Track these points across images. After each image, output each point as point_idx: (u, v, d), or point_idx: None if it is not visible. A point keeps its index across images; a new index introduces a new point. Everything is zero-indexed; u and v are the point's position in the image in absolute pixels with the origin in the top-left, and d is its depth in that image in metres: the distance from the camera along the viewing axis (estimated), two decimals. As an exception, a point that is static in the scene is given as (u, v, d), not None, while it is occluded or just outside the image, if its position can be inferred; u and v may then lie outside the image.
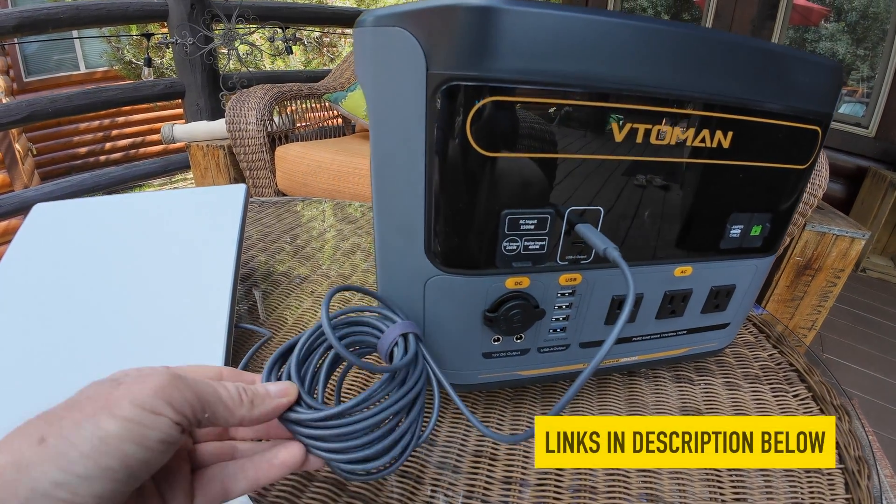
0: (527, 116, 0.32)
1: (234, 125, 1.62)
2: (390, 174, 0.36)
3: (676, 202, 0.40)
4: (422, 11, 0.30)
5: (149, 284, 0.54)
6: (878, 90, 3.14)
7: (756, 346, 0.64)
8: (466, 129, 0.31)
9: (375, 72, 0.33)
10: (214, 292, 0.53)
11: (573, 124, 0.33)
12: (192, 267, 0.56)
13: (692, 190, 0.40)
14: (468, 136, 0.31)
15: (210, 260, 0.57)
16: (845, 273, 1.46)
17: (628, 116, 0.34)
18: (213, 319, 0.51)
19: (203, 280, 0.55)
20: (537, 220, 0.35)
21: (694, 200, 0.41)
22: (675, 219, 0.41)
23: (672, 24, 0.33)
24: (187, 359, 0.47)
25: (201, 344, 0.49)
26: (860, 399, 1.82)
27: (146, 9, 2.47)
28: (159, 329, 0.50)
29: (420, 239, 0.36)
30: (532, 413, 0.49)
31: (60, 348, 0.47)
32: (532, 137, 0.33)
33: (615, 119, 0.34)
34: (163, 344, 0.49)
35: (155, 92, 2.53)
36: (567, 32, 0.30)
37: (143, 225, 0.61)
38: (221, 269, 0.55)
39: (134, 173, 2.62)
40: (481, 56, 0.30)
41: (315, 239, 0.88)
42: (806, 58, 0.39)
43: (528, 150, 0.33)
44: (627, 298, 0.29)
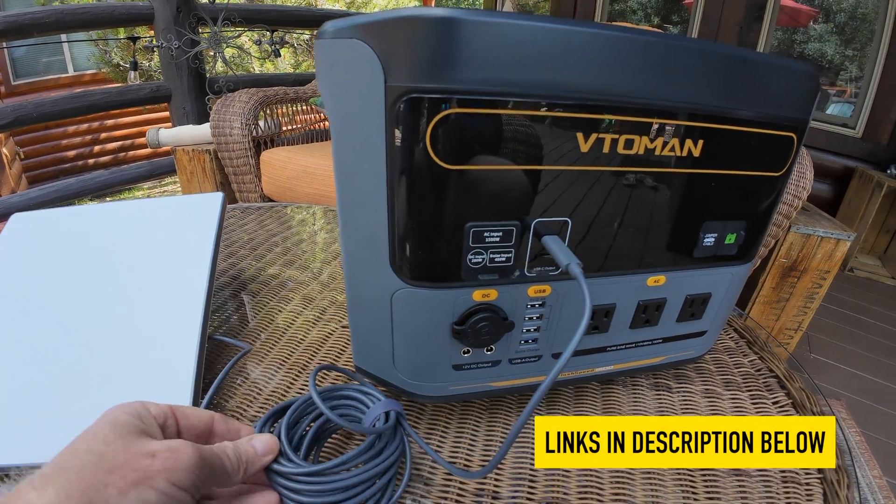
0: (488, 128, 0.31)
1: (219, 130, 1.61)
2: (353, 187, 0.35)
3: (646, 211, 0.40)
4: (379, 23, 0.29)
5: (122, 296, 0.53)
6: (865, 90, 3.17)
7: (737, 351, 0.64)
8: (426, 142, 0.30)
9: (335, 84, 0.32)
10: (187, 304, 0.52)
11: (536, 135, 0.33)
12: (166, 278, 0.55)
13: (662, 199, 0.40)
14: (428, 149, 0.31)
15: (184, 270, 0.56)
16: (831, 274, 1.47)
17: (593, 126, 0.33)
18: (184, 332, 0.50)
19: (176, 291, 0.54)
20: (503, 232, 0.35)
21: (665, 209, 0.40)
22: (645, 228, 0.40)
23: (638, 32, 0.33)
24: (158, 372, 0.47)
25: (172, 356, 0.48)
26: (848, 399, 1.83)
27: (132, 12, 2.45)
28: (131, 341, 0.49)
29: (385, 252, 0.36)
30: (508, 423, 0.48)
31: (29, 361, 0.47)
32: (494, 149, 0.32)
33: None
34: (134, 356, 0.48)
35: (141, 96, 2.51)
36: (528, 43, 0.30)
37: (119, 235, 0.60)
38: (195, 280, 0.55)
39: (121, 178, 2.60)
40: (440, 68, 0.29)
41: (296, 246, 0.87)
42: (779, 64, 0.39)
43: (490, 163, 0.32)
44: (583, 318, 0.29)
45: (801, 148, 0.43)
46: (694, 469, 0.44)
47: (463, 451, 0.45)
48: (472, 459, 0.44)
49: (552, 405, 0.51)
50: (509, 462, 0.44)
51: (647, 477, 0.43)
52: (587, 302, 0.30)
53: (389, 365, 0.43)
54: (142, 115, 5.28)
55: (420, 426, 0.47)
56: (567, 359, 0.29)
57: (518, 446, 0.46)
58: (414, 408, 0.49)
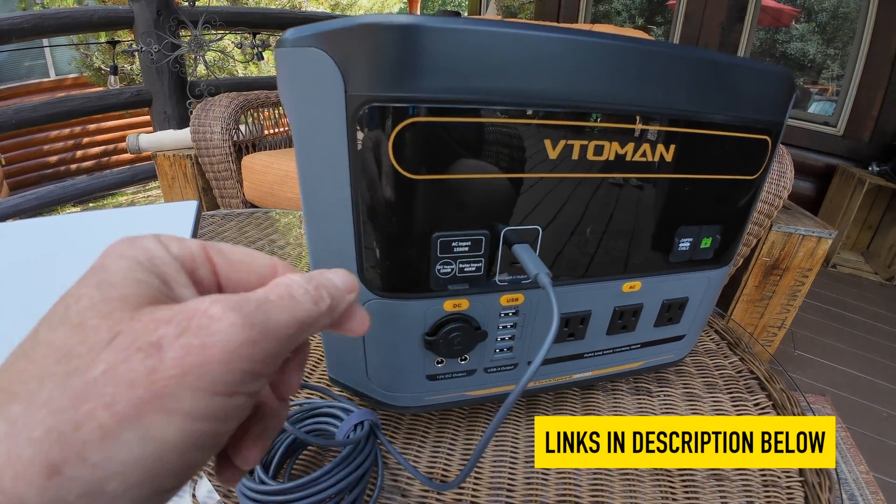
0: (452, 137, 0.31)
1: (199, 135, 1.59)
2: (318, 198, 0.34)
3: (619, 217, 0.39)
4: (338, 31, 0.28)
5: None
6: (846, 89, 3.21)
7: (718, 353, 0.64)
8: (389, 152, 0.30)
9: (296, 94, 0.32)
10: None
11: (503, 143, 0.32)
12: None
13: (635, 205, 0.39)
14: (392, 158, 0.30)
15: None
16: (813, 272, 1.48)
17: (561, 133, 0.33)
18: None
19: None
20: (471, 242, 0.34)
21: (638, 215, 0.40)
22: (619, 234, 0.40)
23: (606, 37, 0.32)
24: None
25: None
26: (833, 395, 1.85)
27: (111, 16, 2.42)
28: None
29: (352, 263, 0.35)
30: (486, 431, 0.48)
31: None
32: (459, 158, 0.31)
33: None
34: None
35: (121, 100, 2.48)
36: (492, 49, 0.29)
37: (88, 246, 0.58)
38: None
39: (101, 184, 2.56)
40: (400, 76, 0.28)
41: (276, 253, 0.86)
42: (752, 66, 0.39)
43: (455, 172, 0.31)
44: (551, 328, 0.28)
45: (778, 149, 0.43)
46: (672, 470, 0.44)
47: (441, 461, 0.44)
48: (450, 469, 0.43)
49: (532, 410, 0.51)
50: (487, 470, 0.44)
51: (626, 482, 0.43)
52: (555, 313, 0.29)
53: (363, 376, 0.42)
54: (125, 119, 5.21)
55: (398, 437, 0.47)
56: (535, 370, 0.29)
57: (495, 454, 0.45)
58: (391, 418, 0.48)
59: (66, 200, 2.48)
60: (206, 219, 1.01)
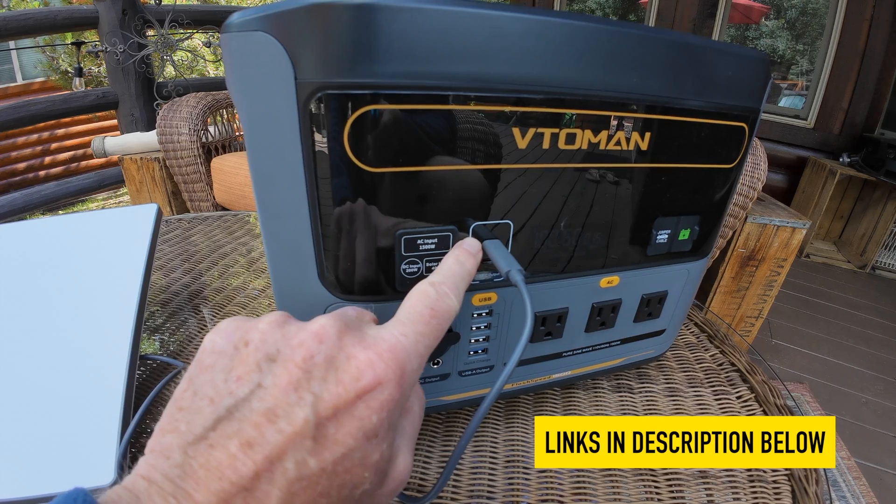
0: (414, 126, 0.28)
1: (166, 137, 1.54)
2: (271, 196, 0.32)
3: (595, 210, 0.37)
4: (286, 13, 0.26)
5: (43, 318, 0.49)
6: (816, 83, 3.27)
7: (698, 346, 0.63)
8: (345, 143, 0.27)
9: (243, 83, 0.29)
10: (116, 323, 0.48)
11: (468, 132, 0.30)
12: (92, 296, 0.51)
13: (611, 196, 0.37)
14: (347, 150, 0.28)
15: (112, 287, 0.52)
16: (788, 262, 1.49)
17: (530, 120, 0.31)
18: (112, 352, 0.46)
19: (104, 310, 0.50)
20: (438, 238, 0.32)
21: (614, 207, 0.38)
22: (594, 227, 0.38)
23: (576, 17, 0.30)
24: (83, 395, 0.43)
25: (100, 378, 0.44)
26: (811, 382, 1.87)
27: (75, 16, 2.35)
28: (54, 365, 0.45)
29: (312, 265, 0.32)
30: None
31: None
32: (421, 149, 0.29)
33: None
34: (58, 380, 0.44)
35: (86, 103, 2.41)
36: (454, 30, 0.27)
37: (42, 254, 0.55)
38: (124, 297, 0.51)
39: (68, 190, 2.49)
40: (354, 61, 0.26)
41: (244, 256, 0.83)
42: (728, 50, 0.37)
43: (417, 164, 0.29)
44: (525, 327, 0.26)
45: (754, 139, 0.42)
46: (657, 470, 0.42)
47: (418, 471, 0.42)
48: (427, 478, 0.41)
49: (511, 412, 0.49)
50: (466, 477, 0.42)
51: (609, 482, 0.42)
52: (528, 311, 0.27)
53: (331, 384, 0.40)
54: (94, 123, 5.08)
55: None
56: (510, 372, 0.27)
57: (474, 461, 0.43)
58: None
59: (32, 208, 2.40)
60: (173, 223, 0.97)
